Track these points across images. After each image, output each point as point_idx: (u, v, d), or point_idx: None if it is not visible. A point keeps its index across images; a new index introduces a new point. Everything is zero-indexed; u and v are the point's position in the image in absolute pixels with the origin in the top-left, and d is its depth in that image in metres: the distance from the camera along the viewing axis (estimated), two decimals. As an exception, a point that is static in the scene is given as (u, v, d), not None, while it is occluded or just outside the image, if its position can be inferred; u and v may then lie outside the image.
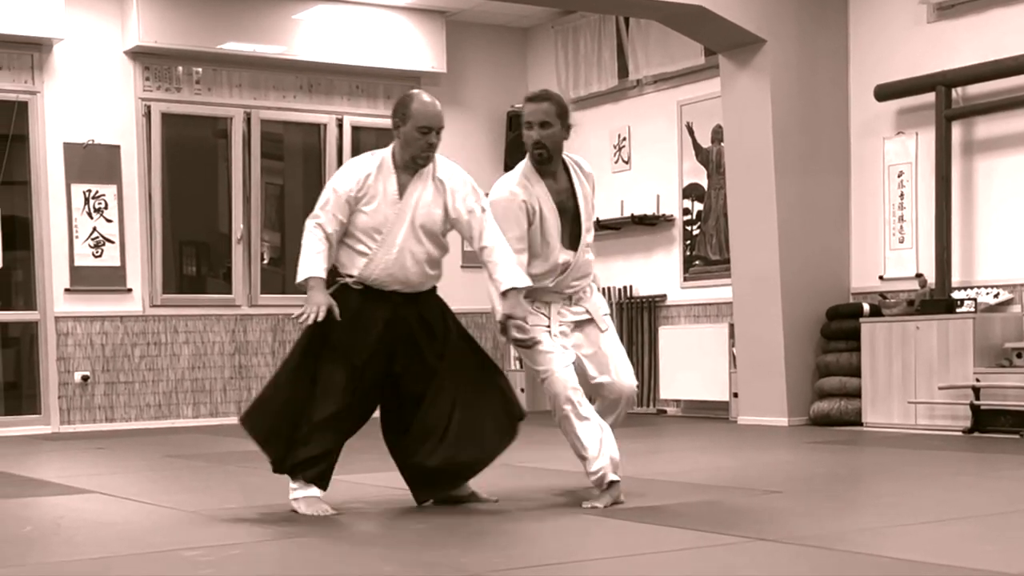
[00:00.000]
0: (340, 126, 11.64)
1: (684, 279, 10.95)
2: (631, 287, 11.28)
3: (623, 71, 11.44)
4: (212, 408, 10.97)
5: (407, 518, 4.97)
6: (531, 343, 4.99)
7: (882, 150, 9.51)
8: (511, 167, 5.41)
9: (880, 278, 9.51)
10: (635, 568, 3.86)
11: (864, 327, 9.07)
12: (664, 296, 11.01)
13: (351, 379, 4.99)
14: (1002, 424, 8.20)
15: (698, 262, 10.87)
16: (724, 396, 10.23)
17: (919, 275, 9.05)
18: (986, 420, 8.28)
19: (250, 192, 11.28)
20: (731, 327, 10.08)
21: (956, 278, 8.90)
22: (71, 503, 5.68)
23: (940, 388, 8.47)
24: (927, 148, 9.13)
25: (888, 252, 9.46)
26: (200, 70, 11.04)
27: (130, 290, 10.77)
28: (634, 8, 9.78)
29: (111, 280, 10.66)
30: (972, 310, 8.54)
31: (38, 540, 4.63)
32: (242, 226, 11.24)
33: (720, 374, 10.25)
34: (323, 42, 11.30)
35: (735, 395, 10.00)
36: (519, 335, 4.94)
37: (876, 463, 7.01)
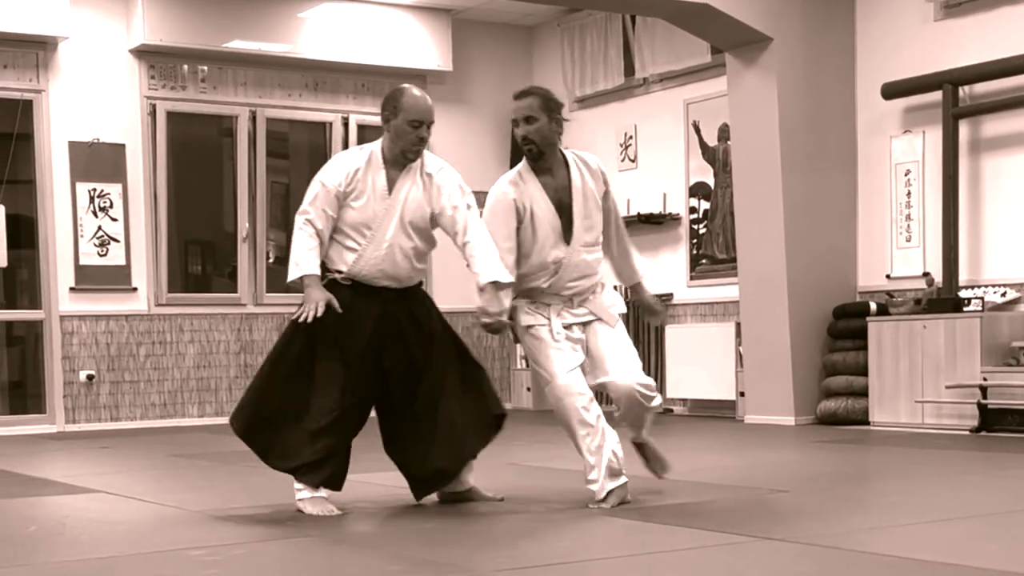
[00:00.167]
0: (346, 124, 11.63)
1: (690, 278, 10.93)
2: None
3: (629, 69, 11.43)
4: (217, 407, 10.97)
5: (413, 517, 4.96)
6: (498, 327, 4.94)
7: (889, 148, 9.48)
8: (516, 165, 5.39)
9: (887, 277, 9.49)
10: (641, 567, 3.85)
11: (871, 326, 9.05)
12: (670, 295, 10.99)
13: (347, 379, 4.97)
14: (1009, 423, 8.19)
15: (704, 261, 10.85)
16: (731, 395, 10.21)
17: (926, 274, 9.03)
18: (993, 419, 8.26)
19: (255, 191, 11.28)
20: (738, 326, 10.06)
21: (963, 277, 8.88)
22: (76, 502, 5.67)
23: (947, 387, 8.45)
24: (934, 146, 9.11)
25: (895, 251, 9.44)
26: (205, 68, 11.04)
27: (135, 289, 10.77)
28: (640, 6, 9.76)
29: (116, 279, 10.66)
30: (979, 309, 8.52)
31: (43, 539, 4.62)
32: (247, 225, 11.23)
33: (727, 373, 10.23)
34: (329, 40, 11.29)
35: (742, 394, 9.98)
36: (487, 320, 4.90)
37: (883, 462, 7.00)
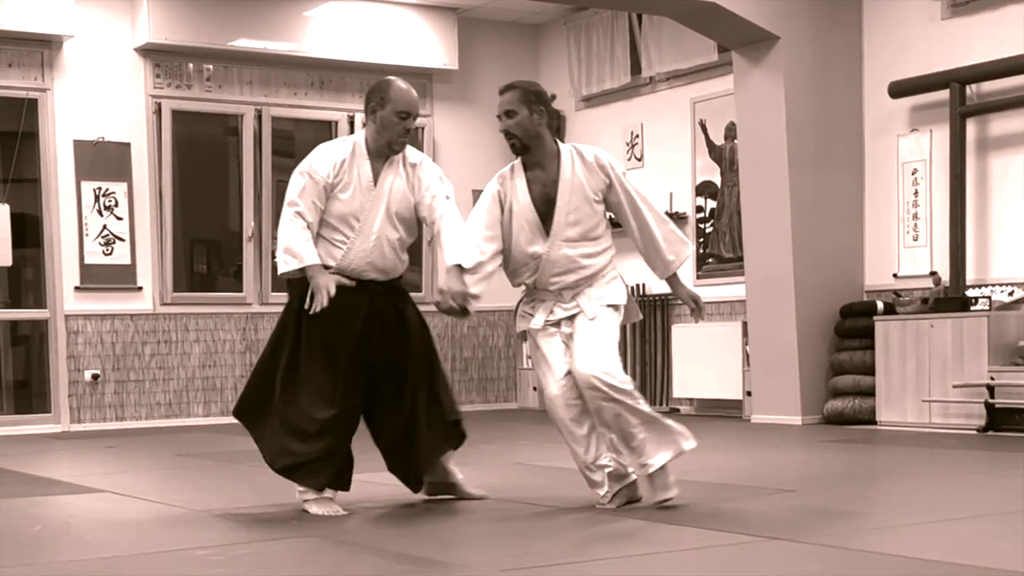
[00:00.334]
0: (351, 123, 11.61)
1: (697, 277, 10.91)
2: (644, 285, 11.23)
3: (636, 68, 11.41)
4: (223, 407, 10.95)
5: (418, 517, 4.95)
6: (453, 308, 4.92)
7: (896, 147, 9.46)
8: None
9: (894, 276, 9.47)
10: (647, 567, 3.84)
11: (878, 325, 9.03)
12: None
13: (340, 379, 4.99)
14: (1017, 422, 8.17)
15: (711, 260, 10.84)
16: (737, 394, 10.19)
17: (933, 273, 9.01)
18: (1001, 418, 8.24)
19: (261, 189, 11.27)
20: (744, 325, 10.04)
21: (970, 276, 8.86)
22: (81, 502, 5.67)
23: (954, 386, 8.43)
24: (941, 145, 9.08)
25: (902, 250, 9.42)
26: (211, 67, 11.04)
27: (140, 288, 10.76)
28: (647, 4, 9.75)
29: (121, 278, 10.66)
30: (986, 308, 8.50)
31: (48, 539, 4.62)
32: (253, 224, 11.22)
33: (733, 372, 10.21)
34: (334, 39, 11.28)
35: (748, 393, 9.96)
36: (439, 299, 4.93)
37: (890, 462, 6.99)
